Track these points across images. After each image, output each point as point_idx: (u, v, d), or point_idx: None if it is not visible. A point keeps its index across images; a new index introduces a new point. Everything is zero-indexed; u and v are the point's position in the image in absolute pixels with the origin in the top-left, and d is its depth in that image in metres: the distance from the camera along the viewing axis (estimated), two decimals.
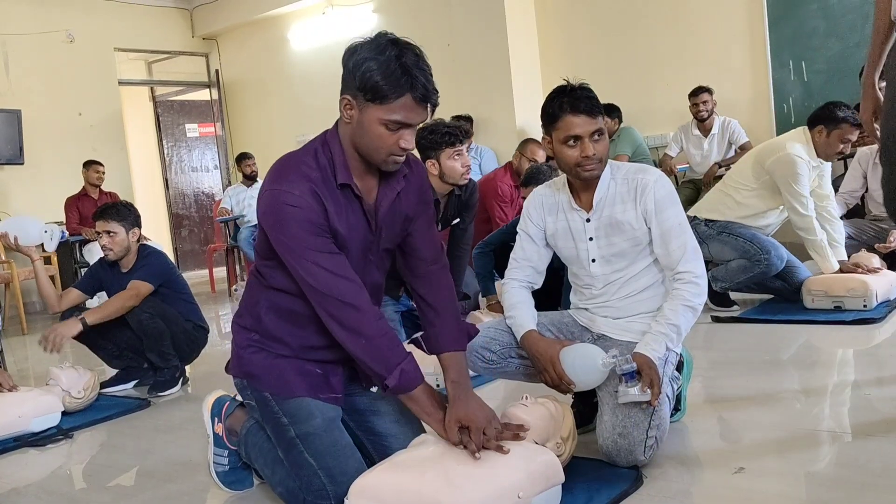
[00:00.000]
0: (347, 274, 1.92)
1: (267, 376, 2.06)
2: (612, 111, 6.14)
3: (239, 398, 2.38)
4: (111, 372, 3.96)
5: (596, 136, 2.21)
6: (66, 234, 3.87)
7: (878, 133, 2.31)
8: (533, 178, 3.77)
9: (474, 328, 2.22)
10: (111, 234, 3.64)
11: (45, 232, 3.76)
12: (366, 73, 1.79)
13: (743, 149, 5.77)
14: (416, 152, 2.19)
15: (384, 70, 1.78)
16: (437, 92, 1.86)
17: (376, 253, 2.06)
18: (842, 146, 3.82)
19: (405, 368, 1.92)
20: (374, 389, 2.20)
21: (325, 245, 1.90)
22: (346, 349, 1.95)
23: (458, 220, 3.76)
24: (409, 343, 3.06)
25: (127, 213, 3.71)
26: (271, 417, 2.06)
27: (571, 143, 2.22)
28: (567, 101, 2.21)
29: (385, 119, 1.83)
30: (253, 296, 2.13)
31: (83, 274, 3.89)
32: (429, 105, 1.85)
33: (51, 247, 3.84)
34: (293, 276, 1.94)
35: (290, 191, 1.87)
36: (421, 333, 2.15)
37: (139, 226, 3.76)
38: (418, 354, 2.46)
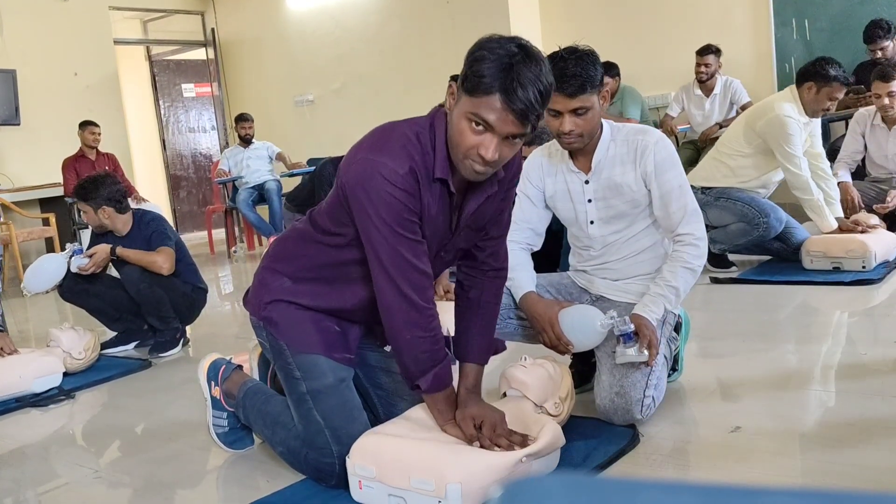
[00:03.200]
0: (422, 264, 1.85)
1: (285, 326, 2.04)
2: (611, 69, 6.05)
3: (235, 362, 2.40)
4: (111, 333, 3.98)
5: (578, 112, 2.16)
6: (83, 248, 3.72)
7: None
8: (536, 137, 3.72)
9: (502, 344, 2.19)
10: (84, 212, 3.72)
11: (71, 257, 3.60)
12: (474, 62, 1.68)
13: (745, 109, 5.72)
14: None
15: (489, 63, 1.66)
16: (538, 110, 1.69)
17: (450, 251, 2.00)
18: (829, 104, 3.80)
19: (438, 373, 1.90)
20: (387, 349, 2.21)
21: (411, 229, 1.82)
22: (388, 336, 1.93)
23: None
24: None
25: (91, 193, 3.63)
26: (284, 367, 2.06)
27: (553, 114, 2.19)
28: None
29: (470, 112, 1.69)
30: (303, 246, 2.04)
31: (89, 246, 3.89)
32: (525, 120, 1.69)
33: (81, 263, 3.59)
34: (365, 248, 1.86)
35: (394, 168, 1.75)
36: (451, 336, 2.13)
37: (114, 202, 3.65)
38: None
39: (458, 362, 2.07)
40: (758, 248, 4.14)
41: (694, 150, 6.01)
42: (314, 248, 2.02)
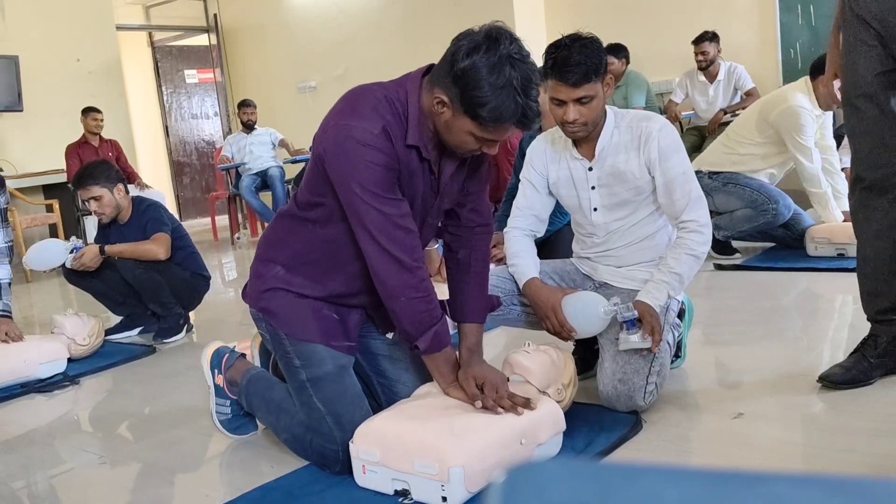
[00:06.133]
0: (406, 223, 1.86)
1: (284, 315, 2.05)
2: (619, 51, 5.95)
3: (238, 350, 2.40)
4: (115, 319, 3.99)
5: (582, 101, 2.14)
6: (82, 245, 3.72)
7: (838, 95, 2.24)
8: None
9: (498, 300, 2.21)
10: (97, 199, 3.58)
11: (73, 251, 3.62)
12: (474, 91, 1.70)
13: (749, 95, 5.70)
14: None
15: (496, 99, 1.69)
16: (539, 113, 1.79)
17: (436, 215, 2.01)
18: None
19: (437, 332, 1.92)
20: (389, 336, 2.21)
21: (391, 189, 1.83)
22: (384, 301, 1.94)
23: None
24: None
25: (104, 172, 3.61)
26: (284, 356, 2.07)
27: (556, 103, 2.18)
28: (556, 65, 2.12)
29: (478, 134, 1.77)
30: (293, 229, 2.04)
31: (97, 232, 3.91)
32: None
33: (75, 264, 3.62)
34: (347, 216, 1.87)
35: (366, 129, 1.77)
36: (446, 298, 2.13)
37: (122, 180, 3.67)
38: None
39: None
40: (762, 234, 4.14)
41: (698, 136, 5.99)
42: (301, 228, 2.03)
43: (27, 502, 2.20)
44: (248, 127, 7.29)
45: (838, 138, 4.58)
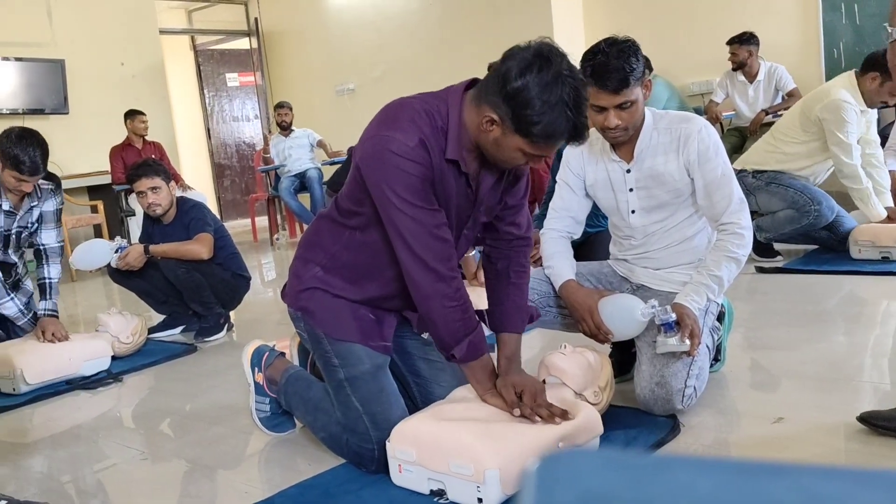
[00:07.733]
0: (443, 233, 1.87)
1: (322, 315, 2.07)
2: None
3: (277, 349, 2.43)
4: (158, 317, 4.06)
5: (623, 107, 2.13)
6: (127, 245, 3.79)
7: None
8: None
9: (537, 311, 2.20)
10: (156, 189, 3.66)
11: (118, 251, 3.71)
12: (526, 110, 1.70)
13: (791, 95, 5.62)
14: None
15: (549, 117, 1.70)
16: (588, 126, 1.80)
17: (472, 227, 2.02)
18: (890, 98, 3.74)
19: (473, 341, 1.92)
20: (425, 336, 2.23)
21: (427, 199, 1.84)
22: (419, 309, 1.96)
23: None
24: None
25: (161, 167, 3.77)
26: (322, 354, 2.09)
27: (596, 109, 2.16)
28: (595, 72, 2.10)
29: (528, 151, 1.78)
30: (332, 232, 2.06)
31: (141, 233, 3.99)
32: None
33: (119, 263, 3.72)
34: (385, 225, 1.89)
35: (403, 141, 1.79)
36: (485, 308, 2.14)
37: (171, 178, 3.82)
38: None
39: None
40: (804, 237, 4.08)
41: (739, 137, 5.92)
42: (340, 231, 2.05)
43: (74, 496, 2.25)
44: (284, 128, 7.36)
45: (882, 139, 4.51)
